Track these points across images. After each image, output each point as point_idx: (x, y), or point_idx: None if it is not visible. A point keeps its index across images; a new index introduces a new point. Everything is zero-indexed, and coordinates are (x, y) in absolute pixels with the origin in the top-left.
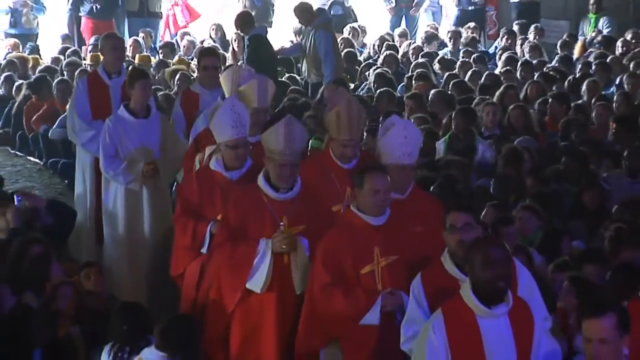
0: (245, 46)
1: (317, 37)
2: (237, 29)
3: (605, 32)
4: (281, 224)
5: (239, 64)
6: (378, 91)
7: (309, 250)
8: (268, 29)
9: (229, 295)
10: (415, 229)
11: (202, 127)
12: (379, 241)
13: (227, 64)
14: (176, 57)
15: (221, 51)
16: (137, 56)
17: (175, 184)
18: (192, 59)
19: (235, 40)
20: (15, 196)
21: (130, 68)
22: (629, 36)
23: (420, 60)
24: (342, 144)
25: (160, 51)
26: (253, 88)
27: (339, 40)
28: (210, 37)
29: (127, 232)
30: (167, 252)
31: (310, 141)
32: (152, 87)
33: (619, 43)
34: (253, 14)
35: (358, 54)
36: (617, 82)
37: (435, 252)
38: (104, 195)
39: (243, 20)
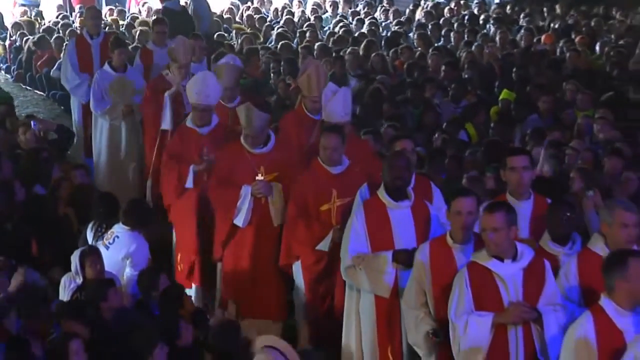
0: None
1: (194, 3)
2: None
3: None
4: (258, 173)
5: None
6: (280, 43)
7: (281, 192)
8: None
9: (221, 229)
10: (356, 169)
11: None
12: (336, 186)
13: None
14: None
15: None
16: (109, 18)
17: None
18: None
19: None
20: (32, 122)
21: (112, 38)
22: (452, 4)
23: (311, 20)
24: (313, 100)
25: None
26: (224, 69)
27: (250, 8)
28: None
29: (109, 155)
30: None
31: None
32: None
33: (446, 10)
34: None
35: (265, 18)
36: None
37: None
38: (93, 128)
39: None
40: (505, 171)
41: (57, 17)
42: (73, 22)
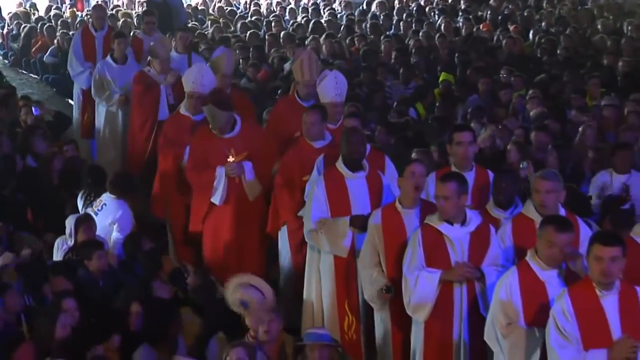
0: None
1: None
2: None
3: None
4: (229, 155)
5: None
6: (249, 32)
7: (252, 171)
8: None
9: (200, 207)
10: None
11: None
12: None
13: None
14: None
15: None
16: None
17: None
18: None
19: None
20: (33, 107)
21: (114, 30)
22: None
23: (276, 12)
24: (305, 85)
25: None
26: (223, 59)
27: (222, 0)
28: None
29: (105, 136)
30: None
31: None
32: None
33: (396, 1)
34: None
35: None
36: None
37: None
38: (96, 112)
39: None
40: (452, 145)
41: (48, 8)
42: (64, 13)
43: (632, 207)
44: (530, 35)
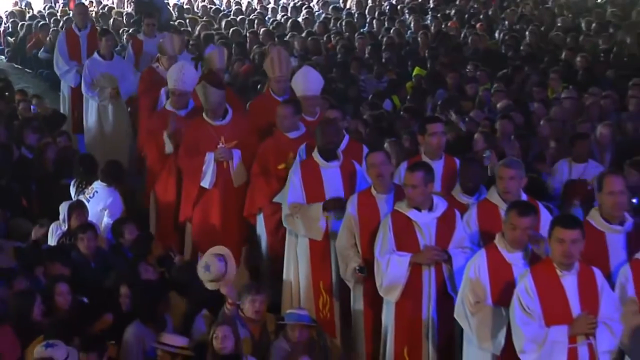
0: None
1: None
2: None
3: None
4: (219, 142)
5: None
6: (232, 29)
7: (240, 158)
8: None
9: (190, 191)
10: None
11: None
12: (293, 148)
13: None
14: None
15: None
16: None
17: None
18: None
19: None
20: (31, 105)
21: (100, 28)
22: None
23: (257, 10)
24: (278, 80)
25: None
26: (215, 55)
27: None
28: None
29: (97, 130)
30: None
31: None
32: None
33: (369, 1)
34: None
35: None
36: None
37: None
38: (84, 108)
39: None
40: (424, 136)
41: (43, 8)
42: (57, 12)
43: (592, 190)
44: (496, 33)
